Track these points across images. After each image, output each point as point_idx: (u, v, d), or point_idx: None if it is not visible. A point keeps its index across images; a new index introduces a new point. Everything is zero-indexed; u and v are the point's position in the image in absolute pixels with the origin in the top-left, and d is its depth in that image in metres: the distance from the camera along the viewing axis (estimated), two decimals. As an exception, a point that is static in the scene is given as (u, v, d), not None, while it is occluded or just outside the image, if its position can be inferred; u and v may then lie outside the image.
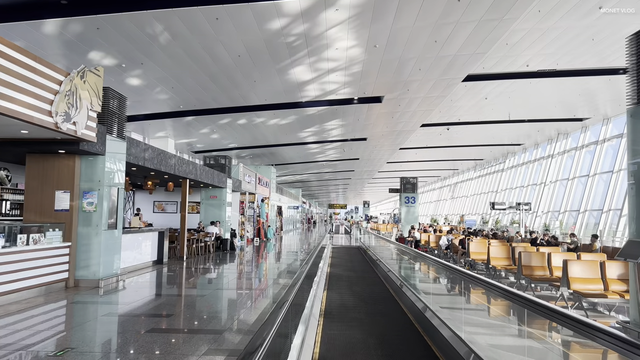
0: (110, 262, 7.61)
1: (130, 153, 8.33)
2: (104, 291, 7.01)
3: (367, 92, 14.27)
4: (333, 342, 4.84)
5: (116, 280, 7.74)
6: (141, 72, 11.59)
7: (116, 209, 7.80)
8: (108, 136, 7.47)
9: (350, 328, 5.54)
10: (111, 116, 7.60)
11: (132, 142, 8.50)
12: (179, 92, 13.36)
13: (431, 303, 5.59)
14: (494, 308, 4.54)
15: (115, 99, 7.77)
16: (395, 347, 4.77)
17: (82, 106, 6.19)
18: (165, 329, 4.68)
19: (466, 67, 12.27)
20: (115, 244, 7.79)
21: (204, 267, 10.71)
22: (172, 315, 5.29)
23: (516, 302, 3.32)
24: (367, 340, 4.97)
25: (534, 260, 7.45)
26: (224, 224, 15.08)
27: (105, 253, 7.43)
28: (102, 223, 7.36)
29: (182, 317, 5.28)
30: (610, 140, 20.13)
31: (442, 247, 13.27)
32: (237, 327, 4.77)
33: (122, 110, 7.99)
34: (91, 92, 6.43)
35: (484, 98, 17.46)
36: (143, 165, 8.82)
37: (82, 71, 6.20)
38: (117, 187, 7.83)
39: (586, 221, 20.44)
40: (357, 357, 4.37)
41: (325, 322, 5.78)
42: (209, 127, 18.32)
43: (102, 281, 7.25)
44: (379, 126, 19.80)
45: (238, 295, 7.15)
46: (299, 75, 12.32)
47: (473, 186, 37.33)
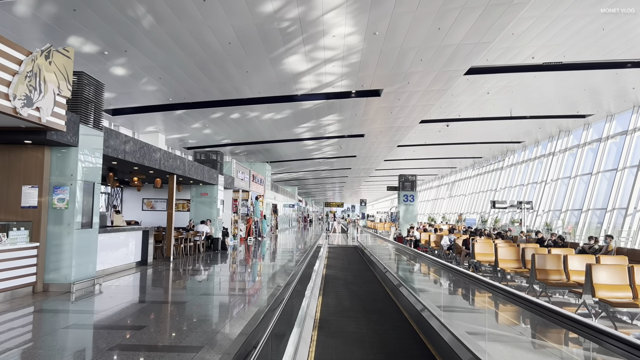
0: (85, 264, 6.94)
1: (109, 145, 7.64)
2: (75, 297, 6.33)
3: (366, 84, 13.62)
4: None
5: (92, 284, 7.07)
6: (125, 60, 10.90)
7: (92, 206, 7.11)
8: (82, 126, 6.78)
9: (348, 344, 4.91)
10: (86, 104, 6.91)
11: (111, 134, 7.81)
12: (167, 83, 12.67)
13: (446, 319, 4.86)
14: (528, 328, 3.90)
15: (90, 85, 7.08)
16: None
17: (48, 90, 5.51)
18: (132, 345, 4.02)
19: (470, 58, 11.65)
20: (91, 244, 7.11)
21: (190, 268, 10.04)
22: (145, 327, 4.63)
23: (559, 321, 2.69)
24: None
25: (548, 263, 6.82)
26: (215, 222, 14.40)
27: (79, 254, 6.75)
28: (75, 221, 6.68)
29: (157, 329, 4.62)
30: (614, 137, 19.60)
31: (443, 248, 12.65)
32: (218, 342, 4.12)
33: (98, 98, 7.30)
34: (59, 75, 5.74)
35: (485, 93, 16.88)
36: (123, 159, 8.13)
37: (47, 50, 5.52)
38: (93, 182, 7.15)
39: (589, 220, 19.93)
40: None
41: (320, 338, 5.15)
42: (200, 122, 17.63)
43: (74, 285, 6.57)
44: (377, 122, 19.17)
45: (222, 303, 6.48)
46: (293, 65, 11.65)
47: (471, 185, 36.82)
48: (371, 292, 8.71)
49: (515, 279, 8.83)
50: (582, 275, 6.23)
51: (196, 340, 4.12)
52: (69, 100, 6.24)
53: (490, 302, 4.03)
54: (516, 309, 3.86)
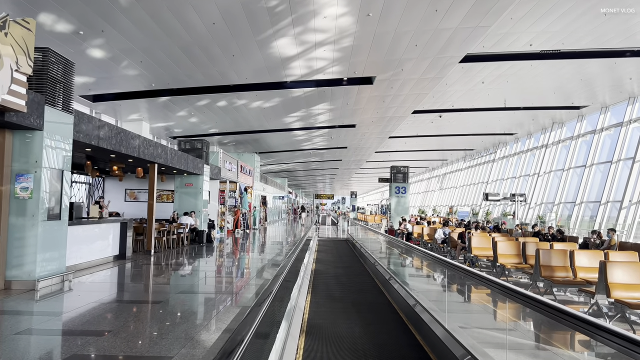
0: (52, 259, 6.36)
1: (80, 130, 7.02)
2: (40, 295, 5.77)
3: (358, 71, 13.07)
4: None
5: (61, 281, 6.50)
6: (103, 41, 10.20)
7: (60, 196, 6.52)
8: (48, 108, 6.16)
9: (340, 351, 4.43)
10: (52, 83, 6.29)
11: (83, 117, 7.18)
12: (149, 67, 11.98)
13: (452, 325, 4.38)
14: (548, 336, 3.45)
15: (58, 64, 6.44)
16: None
17: (3, 64, 4.89)
18: (88, 356, 3.49)
19: (467, 43, 11.15)
20: (59, 237, 6.52)
21: (171, 263, 9.48)
22: (111, 332, 4.10)
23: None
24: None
25: (554, 259, 6.39)
26: (201, 214, 13.83)
27: (45, 248, 6.17)
28: (40, 212, 6.09)
29: (123, 335, 4.09)
30: (608, 129, 19.35)
31: (437, 241, 12.24)
32: (190, 353, 3.61)
33: (68, 78, 6.67)
34: (17, 49, 5.12)
35: (480, 82, 16.45)
36: (97, 145, 7.52)
37: (2, 20, 4.89)
38: (62, 169, 6.54)
39: (582, 213, 19.74)
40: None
41: (308, 344, 4.66)
42: (186, 110, 16.94)
43: (39, 282, 6.00)
44: (368, 111, 18.65)
45: (201, 302, 5.96)
46: (282, 49, 11.05)
47: (462, 177, 36.61)
48: (363, 289, 8.23)
49: (513, 274, 8.44)
50: (590, 272, 5.85)
51: (166, 349, 3.61)
52: (31, 78, 5.62)
53: (500, 304, 3.57)
54: (527, 312, 3.41)
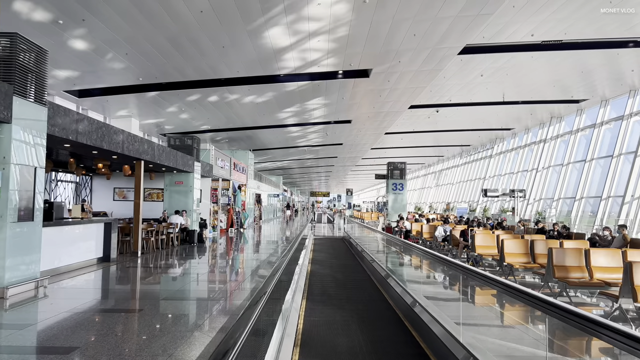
0: (24, 264, 5.84)
1: (55, 123, 6.50)
2: (9, 303, 5.26)
3: (354, 63, 12.59)
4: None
5: (34, 287, 5.99)
6: (84, 31, 9.64)
7: (33, 195, 6.00)
8: (17, 98, 5.63)
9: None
10: (22, 73, 5.76)
11: (58, 110, 6.65)
12: (135, 60, 11.43)
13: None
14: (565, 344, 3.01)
15: (29, 52, 5.91)
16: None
17: (-41, 48, 4.37)
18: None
19: (467, 33, 10.71)
20: (32, 240, 6.00)
21: (158, 265, 8.96)
22: (77, 349, 3.61)
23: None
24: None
25: (568, 258, 5.94)
26: (192, 213, 13.31)
27: (15, 252, 5.65)
28: (9, 213, 5.57)
29: (90, 353, 3.60)
30: (608, 123, 19.01)
31: (437, 239, 11.80)
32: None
33: (41, 67, 6.13)
34: (-24, 31, 4.60)
35: (479, 75, 16.05)
36: (76, 140, 6.99)
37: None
38: (34, 166, 6.02)
39: (582, 209, 19.41)
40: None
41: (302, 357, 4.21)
42: (176, 105, 16.39)
43: (8, 290, 5.48)
44: (364, 107, 18.20)
45: (184, 311, 5.42)
46: (275, 39, 10.55)
47: (459, 173, 36.27)
48: (364, 298, 7.46)
49: (521, 274, 7.99)
50: (608, 272, 5.42)
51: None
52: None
53: (526, 314, 3.12)
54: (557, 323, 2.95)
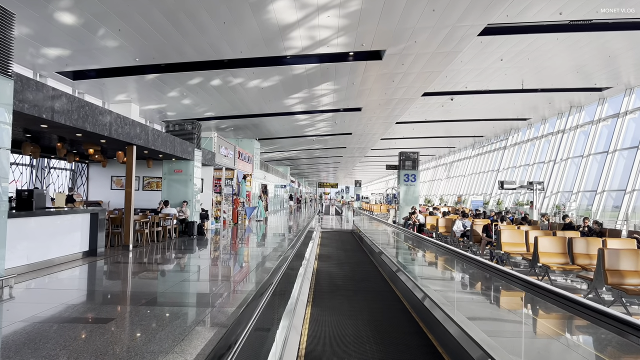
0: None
1: (25, 99, 5.67)
2: (-35, 306, 4.50)
3: (366, 44, 11.64)
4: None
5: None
6: (71, 3, 8.80)
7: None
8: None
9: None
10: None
11: (28, 84, 5.81)
12: (130, 37, 10.59)
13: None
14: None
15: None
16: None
17: None
18: None
19: (490, 9, 9.73)
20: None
21: (149, 260, 8.14)
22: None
23: None
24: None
25: (623, 262, 5.02)
26: (192, 203, 12.52)
27: (-25, 247, 4.88)
28: (-33, 201, 4.79)
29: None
30: (632, 112, 17.85)
31: (455, 234, 10.90)
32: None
33: (5, 32, 5.30)
34: None
35: (499, 59, 14.97)
36: (51, 119, 6.17)
37: None
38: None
39: (604, 202, 18.35)
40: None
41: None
42: (177, 90, 15.56)
43: (-36, 291, 4.72)
44: (376, 93, 17.22)
45: (166, 319, 4.51)
46: (280, 14, 9.63)
47: (472, 165, 35.13)
48: (378, 306, 6.40)
49: (558, 276, 7.06)
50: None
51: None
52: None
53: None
54: None
